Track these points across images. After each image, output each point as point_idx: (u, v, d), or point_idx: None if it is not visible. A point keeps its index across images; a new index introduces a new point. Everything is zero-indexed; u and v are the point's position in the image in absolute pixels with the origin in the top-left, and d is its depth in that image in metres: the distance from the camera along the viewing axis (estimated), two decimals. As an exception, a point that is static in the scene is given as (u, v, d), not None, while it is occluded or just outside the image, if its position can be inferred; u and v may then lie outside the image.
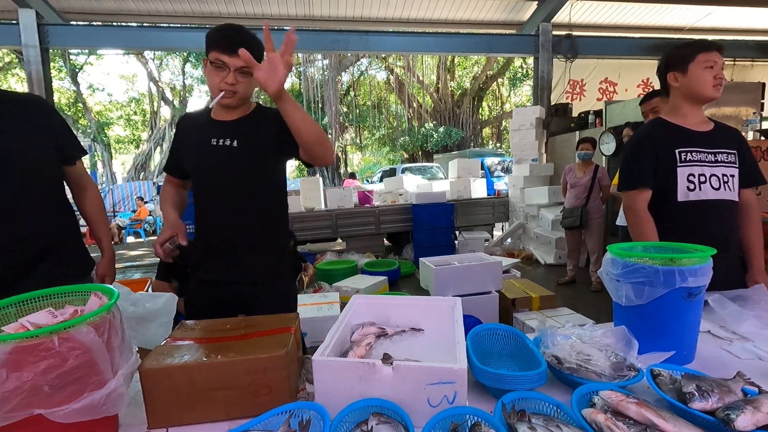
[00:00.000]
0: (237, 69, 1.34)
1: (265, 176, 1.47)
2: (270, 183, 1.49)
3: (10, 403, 0.71)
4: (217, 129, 1.45)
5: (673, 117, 1.71)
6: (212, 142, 1.44)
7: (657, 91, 2.58)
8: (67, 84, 18.36)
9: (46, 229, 1.35)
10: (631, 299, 1.12)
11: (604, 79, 8.23)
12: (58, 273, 1.34)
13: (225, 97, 1.37)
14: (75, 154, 1.48)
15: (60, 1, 6.38)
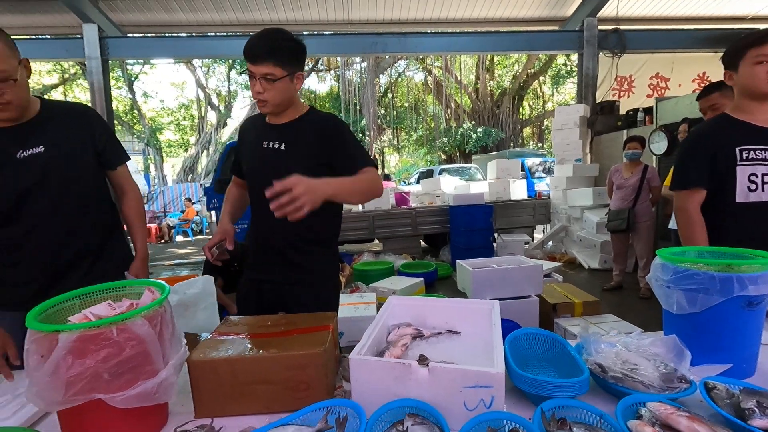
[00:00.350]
0: (261, 76, 1.36)
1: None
2: None
3: (74, 387, 0.77)
4: (269, 132, 1.51)
5: (739, 113, 1.59)
6: (263, 145, 1.50)
7: (715, 85, 2.39)
8: (124, 92, 19.64)
9: (85, 232, 1.44)
10: (684, 307, 1.06)
11: (654, 75, 7.78)
12: (93, 276, 1.41)
13: (259, 106, 1.43)
14: (115, 160, 1.55)
15: (119, 15, 6.84)
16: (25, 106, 1.30)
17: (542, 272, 3.21)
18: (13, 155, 1.28)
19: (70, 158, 1.38)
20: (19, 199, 1.30)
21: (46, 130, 1.35)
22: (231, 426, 0.91)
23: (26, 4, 6.33)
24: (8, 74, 1.18)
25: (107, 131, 1.54)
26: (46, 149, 1.33)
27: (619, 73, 7.58)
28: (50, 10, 6.41)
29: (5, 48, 1.18)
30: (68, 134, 1.39)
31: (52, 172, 1.34)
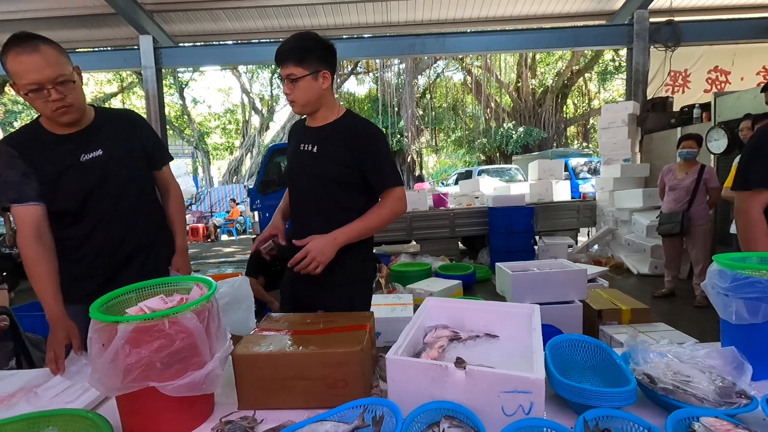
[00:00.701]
0: (286, 77, 1.43)
1: (342, 182, 1.50)
2: (349, 189, 1.51)
3: (131, 375, 0.83)
4: (306, 135, 1.57)
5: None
6: (300, 147, 1.56)
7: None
8: (175, 98, 20.78)
9: (138, 230, 1.53)
10: (744, 317, 0.99)
11: (713, 68, 7.26)
12: (147, 269, 1.50)
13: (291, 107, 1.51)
14: (161, 160, 1.66)
15: (171, 26, 7.25)
16: (83, 110, 1.41)
17: (586, 277, 3.07)
18: (77, 159, 1.39)
19: (125, 160, 1.48)
20: (83, 199, 1.41)
21: (102, 135, 1.46)
22: (271, 419, 0.95)
23: (90, 20, 6.85)
24: (68, 77, 1.28)
25: (153, 134, 1.65)
26: (104, 152, 1.44)
27: (672, 68, 7.14)
28: (111, 24, 6.90)
29: (60, 55, 1.28)
30: (121, 138, 1.50)
31: (110, 173, 1.44)
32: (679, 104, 6.42)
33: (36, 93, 1.24)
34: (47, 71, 1.22)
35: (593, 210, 6.72)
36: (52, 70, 1.23)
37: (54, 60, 1.25)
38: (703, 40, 7.02)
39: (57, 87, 1.25)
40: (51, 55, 1.24)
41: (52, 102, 1.26)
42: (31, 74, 1.21)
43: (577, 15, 7.49)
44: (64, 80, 1.26)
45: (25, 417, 0.86)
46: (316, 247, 1.39)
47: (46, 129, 1.39)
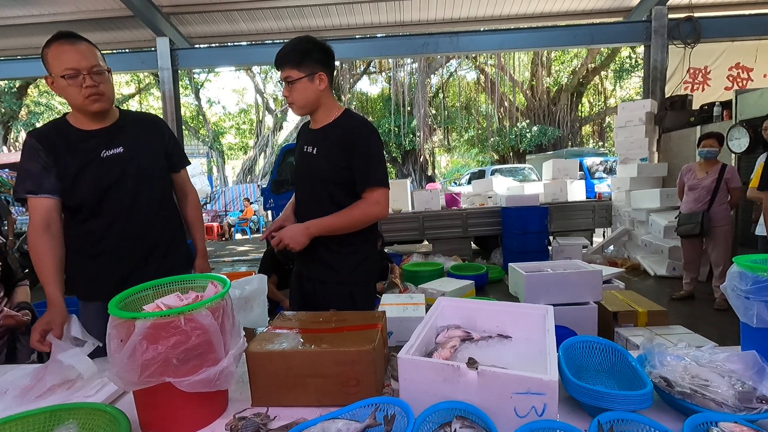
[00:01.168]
0: (284, 80, 1.50)
1: (339, 183, 1.54)
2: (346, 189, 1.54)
3: (148, 370, 0.85)
4: (308, 136, 1.63)
5: None
6: (303, 149, 1.61)
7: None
8: (191, 99, 21.09)
9: (156, 229, 1.57)
10: (765, 320, 0.97)
11: (735, 65, 7.07)
12: (163, 268, 1.53)
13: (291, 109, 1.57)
14: (180, 163, 1.70)
15: (187, 28, 7.36)
16: (112, 103, 1.48)
17: (602, 278, 3.03)
18: (98, 154, 1.44)
19: (144, 159, 1.53)
20: (102, 194, 1.45)
21: (125, 134, 1.51)
22: (284, 416, 0.96)
23: (108, 22, 7.00)
24: (102, 68, 1.38)
25: (174, 137, 1.69)
26: (125, 150, 1.48)
27: (692, 65, 6.97)
28: (128, 26, 7.04)
29: (96, 51, 1.40)
30: (143, 138, 1.55)
31: (129, 170, 1.48)
32: (699, 102, 6.27)
33: (72, 79, 1.34)
34: (85, 61, 1.34)
35: (609, 210, 6.61)
36: (89, 61, 1.35)
37: (91, 54, 1.38)
38: (724, 37, 6.83)
39: (92, 75, 1.35)
40: (89, 49, 1.38)
41: (86, 88, 1.35)
42: (70, 61, 1.33)
43: (593, 12, 7.37)
44: (99, 70, 1.37)
45: (46, 410, 0.89)
46: (288, 231, 1.49)
47: (72, 125, 1.45)
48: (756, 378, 0.90)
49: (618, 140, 6.86)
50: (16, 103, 16.61)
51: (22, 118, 17.17)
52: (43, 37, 3.62)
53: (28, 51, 7.76)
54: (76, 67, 1.33)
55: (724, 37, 6.84)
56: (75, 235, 1.48)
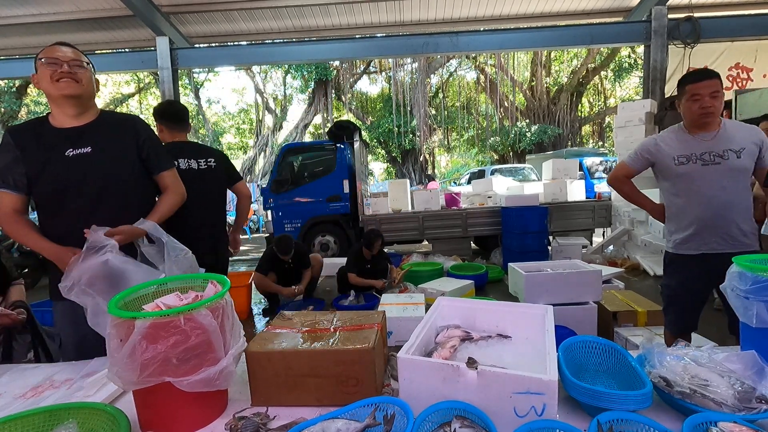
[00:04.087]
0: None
1: None
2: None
3: (148, 369, 0.85)
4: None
5: None
6: None
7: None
8: (191, 99, 21.07)
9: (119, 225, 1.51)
10: (765, 320, 0.97)
11: (734, 65, 7.07)
12: None
13: None
14: (157, 166, 1.65)
15: (187, 28, 7.35)
16: (89, 102, 1.52)
17: (601, 278, 3.04)
18: (62, 153, 1.45)
19: (112, 161, 1.51)
20: (62, 193, 1.45)
21: (97, 135, 1.51)
22: (284, 415, 0.96)
23: (108, 22, 6.99)
24: (83, 65, 1.47)
25: (153, 140, 1.66)
26: (92, 151, 1.48)
27: (692, 65, 6.97)
28: (128, 26, 7.03)
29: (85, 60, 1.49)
30: (115, 140, 1.54)
31: (93, 171, 1.47)
32: (699, 102, 6.26)
33: (51, 66, 1.41)
34: (67, 55, 1.44)
35: (608, 210, 6.61)
36: (72, 55, 1.45)
37: (78, 56, 1.46)
38: (724, 37, 6.83)
39: (71, 64, 1.43)
40: (78, 53, 1.47)
41: (60, 72, 1.41)
42: (54, 53, 1.42)
43: (593, 12, 7.37)
44: (80, 64, 1.46)
45: (46, 409, 0.89)
46: None
47: (50, 123, 1.49)
48: (755, 378, 0.90)
49: (618, 140, 6.85)
50: (15, 102, 16.59)
51: (21, 117, 17.15)
52: (43, 37, 3.63)
53: (28, 51, 7.75)
54: (59, 57, 1.42)
55: (724, 37, 6.85)
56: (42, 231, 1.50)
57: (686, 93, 1.93)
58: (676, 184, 2.00)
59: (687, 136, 1.97)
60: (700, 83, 1.86)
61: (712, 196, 1.87)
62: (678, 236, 2.01)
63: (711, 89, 1.83)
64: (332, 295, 4.83)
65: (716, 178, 1.86)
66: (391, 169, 21.73)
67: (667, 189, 2.08)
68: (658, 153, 2.03)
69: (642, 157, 2.12)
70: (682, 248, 1.99)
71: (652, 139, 2.11)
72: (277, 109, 21.94)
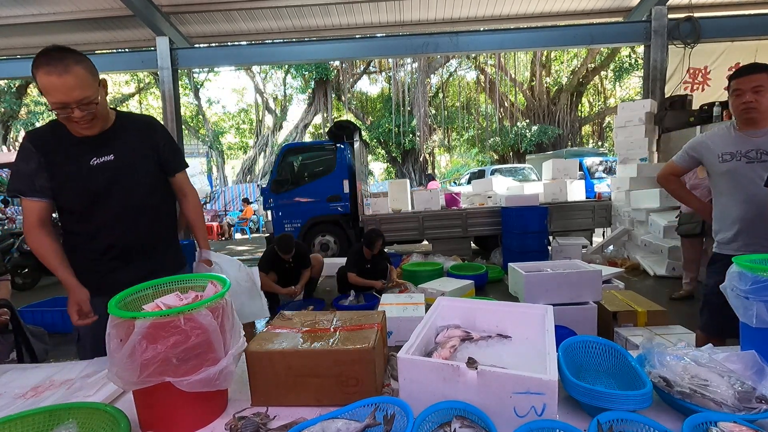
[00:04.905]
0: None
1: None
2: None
3: (148, 369, 0.85)
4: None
5: None
6: None
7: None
8: (191, 99, 21.08)
9: (140, 234, 1.56)
10: (765, 320, 0.97)
11: (735, 65, 7.06)
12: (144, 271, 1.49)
13: None
14: (175, 167, 1.68)
15: (187, 28, 7.36)
16: (105, 121, 1.46)
17: (601, 278, 3.03)
18: (87, 162, 1.44)
19: (135, 167, 1.52)
20: (91, 201, 1.46)
21: (117, 141, 1.49)
22: (284, 415, 0.96)
23: (108, 22, 6.99)
24: (92, 99, 1.32)
25: (170, 141, 1.67)
26: (115, 158, 1.47)
27: (691, 65, 6.98)
28: (128, 26, 7.03)
29: (88, 76, 1.30)
30: (135, 145, 1.53)
31: (119, 178, 1.48)
32: (699, 102, 6.27)
33: (62, 110, 1.30)
34: (74, 93, 1.27)
35: (608, 210, 6.61)
36: (79, 92, 1.28)
37: (82, 82, 1.28)
38: (724, 37, 6.84)
39: (81, 107, 1.31)
40: (80, 76, 1.28)
41: (75, 120, 1.33)
42: (59, 95, 1.26)
43: (593, 12, 7.38)
44: (89, 102, 1.32)
45: (46, 410, 0.89)
46: None
47: (68, 130, 1.43)
48: (755, 378, 0.90)
49: (618, 140, 6.86)
50: (15, 102, 16.60)
51: (21, 117, 17.16)
52: (44, 37, 3.64)
53: (28, 50, 7.75)
54: (64, 101, 1.28)
55: (724, 37, 6.85)
56: (66, 231, 1.51)
57: (730, 88, 1.85)
58: (720, 182, 1.95)
59: (735, 133, 1.90)
60: (742, 78, 1.78)
61: (755, 194, 1.81)
62: (722, 236, 1.96)
63: (753, 84, 1.75)
64: (332, 295, 4.83)
65: (761, 176, 1.79)
66: (391, 169, 21.75)
67: (714, 187, 2.02)
68: (705, 150, 1.98)
69: (688, 155, 2.07)
70: (726, 248, 1.94)
71: (700, 136, 2.06)
72: (277, 109, 21.95)
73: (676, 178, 2.20)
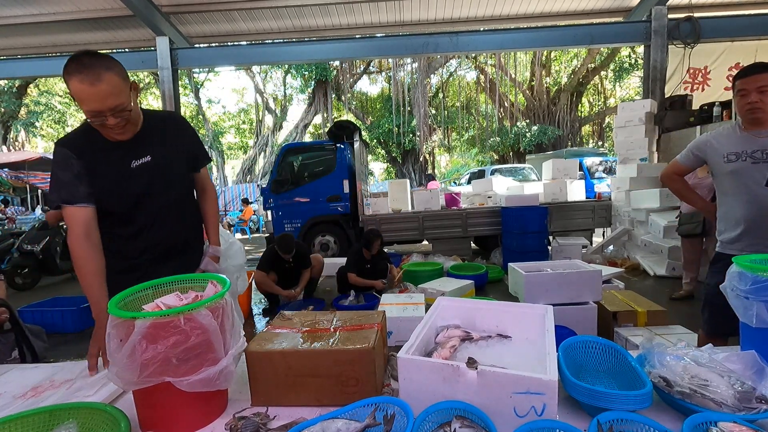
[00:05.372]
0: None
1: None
2: None
3: (148, 369, 0.85)
4: None
5: None
6: None
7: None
8: (191, 99, 21.08)
9: (181, 230, 1.59)
10: (765, 320, 0.97)
11: (735, 65, 7.07)
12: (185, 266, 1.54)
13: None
14: (201, 161, 1.72)
15: (187, 28, 7.36)
16: (138, 125, 1.46)
17: (601, 278, 3.03)
18: (128, 166, 1.45)
19: (170, 166, 1.54)
20: (133, 203, 1.47)
21: (152, 141, 1.50)
22: (284, 415, 0.96)
23: (108, 22, 6.99)
24: (125, 106, 1.31)
25: (195, 135, 1.69)
26: (152, 158, 1.49)
27: (691, 65, 6.98)
28: (128, 26, 7.04)
29: (120, 82, 1.29)
30: (168, 144, 1.55)
31: (157, 178, 1.50)
32: (699, 102, 6.28)
33: (95, 118, 1.29)
34: (108, 102, 1.26)
35: (608, 210, 6.61)
36: (113, 101, 1.27)
37: (114, 89, 1.27)
38: (724, 37, 6.84)
39: (115, 114, 1.30)
40: (113, 83, 1.26)
41: (109, 127, 1.32)
42: (93, 104, 1.25)
43: (593, 12, 7.38)
44: (123, 109, 1.31)
45: (46, 410, 0.89)
46: None
47: (100, 133, 1.40)
48: (755, 378, 0.90)
49: (618, 140, 6.87)
50: (15, 102, 16.60)
51: (21, 117, 17.16)
52: (44, 37, 3.61)
53: (28, 50, 7.76)
54: (98, 109, 1.26)
55: (724, 37, 6.85)
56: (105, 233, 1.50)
57: (735, 88, 1.84)
58: (724, 182, 1.95)
59: (741, 133, 1.89)
60: (746, 78, 1.78)
61: (760, 194, 1.81)
62: (726, 236, 1.96)
63: (758, 84, 1.74)
64: (332, 295, 4.83)
65: (766, 176, 1.79)
66: (391, 169, 21.76)
67: (718, 187, 2.03)
68: (709, 150, 1.97)
69: (693, 155, 2.06)
70: (729, 248, 1.94)
71: (705, 135, 2.04)
72: (277, 109, 21.95)
73: (680, 178, 2.20)
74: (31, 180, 11.58)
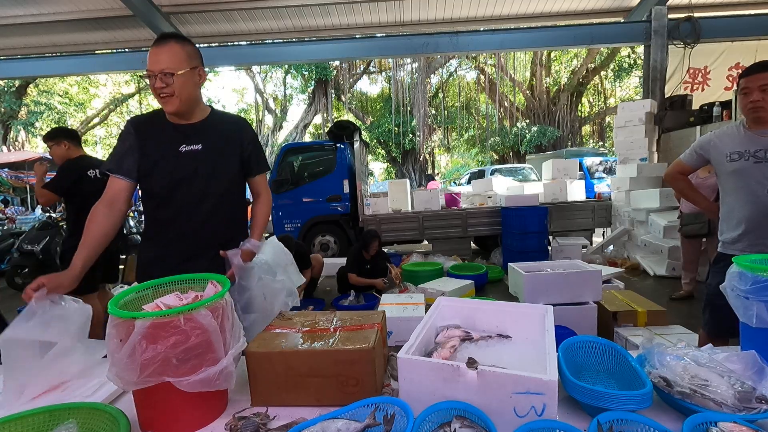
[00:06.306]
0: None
1: None
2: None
3: (147, 369, 0.85)
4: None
5: None
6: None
7: None
8: (191, 99, 21.04)
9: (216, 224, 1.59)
10: (765, 320, 0.97)
11: (735, 65, 7.07)
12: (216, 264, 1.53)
13: None
14: (256, 168, 1.72)
15: (187, 28, 7.36)
16: (191, 105, 1.53)
17: (601, 278, 3.03)
18: (176, 149, 1.51)
19: (219, 160, 1.57)
20: (174, 186, 1.51)
21: (207, 133, 1.57)
22: (284, 415, 0.96)
23: (108, 22, 6.99)
24: (172, 71, 1.41)
25: (255, 142, 1.71)
26: (203, 148, 1.54)
27: (691, 65, 6.98)
28: (128, 26, 7.03)
29: (181, 53, 1.45)
30: (223, 139, 1.60)
31: (202, 167, 1.53)
32: (699, 102, 6.28)
33: (149, 79, 1.44)
34: (160, 64, 1.41)
35: (608, 210, 6.61)
36: (165, 63, 1.41)
37: (171, 56, 1.42)
38: (724, 37, 6.84)
39: (162, 77, 1.41)
40: (173, 50, 1.43)
41: (155, 88, 1.43)
42: (150, 63, 1.42)
43: (593, 12, 7.38)
44: (168, 73, 1.42)
45: (46, 410, 0.89)
46: None
47: (167, 118, 1.53)
48: (755, 378, 0.90)
49: (618, 140, 6.87)
50: (15, 102, 16.59)
51: (21, 117, 17.16)
52: (43, 37, 3.59)
53: (28, 50, 7.75)
54: (151, 69, 1.42)
55: (724, 38, 6.85)
56: (149, 217, 1.58)
57: (739, 87, 1.83)
58: (727, 182, 1.95)
59: (744, 132, 1.88)
60: (750, 76, 1.77)
61: (761, 194, 1.80)
62: (728, 235, 1.95)
63: (761, 82, 1.73)
64: (332, 295, 4.83)
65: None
66: (391, 169, 21.75)
67: (721, 186, 2.02)
68: (712, 149, 1.96)
69: (696, 154, 2.05)
70: (731, 248, 1.92)
71: (708, 135, 2.04)
72: (277, 109, 21.94)
73: (684, 177, 2.19)
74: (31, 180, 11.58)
